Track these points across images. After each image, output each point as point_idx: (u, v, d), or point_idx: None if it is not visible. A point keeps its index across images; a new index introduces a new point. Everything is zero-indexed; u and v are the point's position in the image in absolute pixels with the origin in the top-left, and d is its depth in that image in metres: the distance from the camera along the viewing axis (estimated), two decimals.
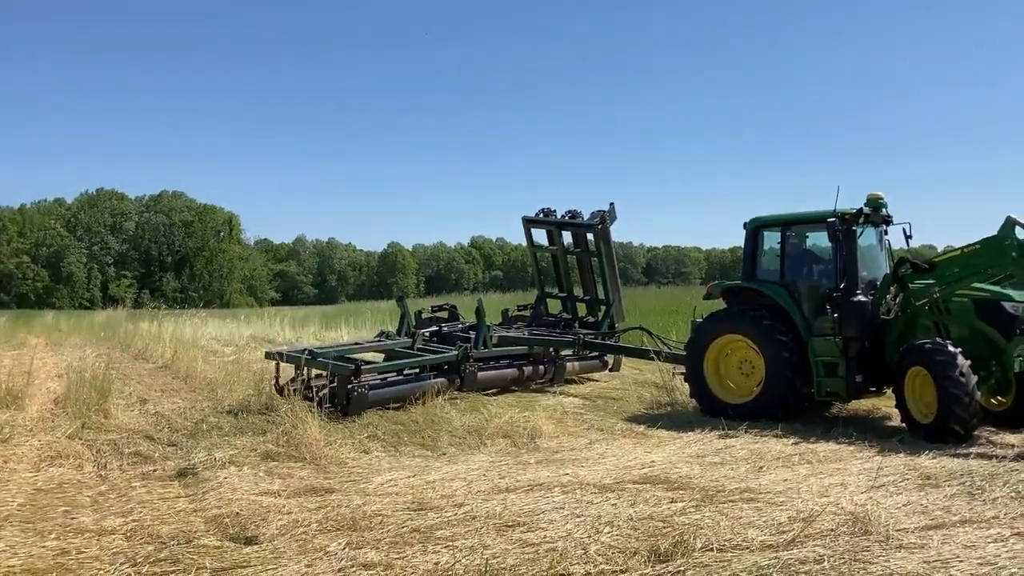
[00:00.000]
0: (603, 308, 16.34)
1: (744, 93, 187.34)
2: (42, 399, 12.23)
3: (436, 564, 5.33)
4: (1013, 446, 9.11)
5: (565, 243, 16.78)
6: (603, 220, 15.83)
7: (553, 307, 17.38)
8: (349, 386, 10.73)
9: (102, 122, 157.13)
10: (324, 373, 11.27)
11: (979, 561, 5.19)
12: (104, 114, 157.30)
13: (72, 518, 6.55)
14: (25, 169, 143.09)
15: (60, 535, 6.06)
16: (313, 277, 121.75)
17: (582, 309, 17.04)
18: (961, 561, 5.18)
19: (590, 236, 16.15)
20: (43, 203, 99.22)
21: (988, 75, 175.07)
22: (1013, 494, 6.88)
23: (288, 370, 11.47)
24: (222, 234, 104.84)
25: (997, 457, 8.37)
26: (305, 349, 11.86)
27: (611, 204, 16.07)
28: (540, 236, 17.17)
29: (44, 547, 5.78)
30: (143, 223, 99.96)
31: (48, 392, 12.97)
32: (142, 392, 13.43)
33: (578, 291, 17.07)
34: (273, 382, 11.37)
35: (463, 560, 5.37)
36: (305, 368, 11.15)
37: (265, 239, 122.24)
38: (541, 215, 16.80)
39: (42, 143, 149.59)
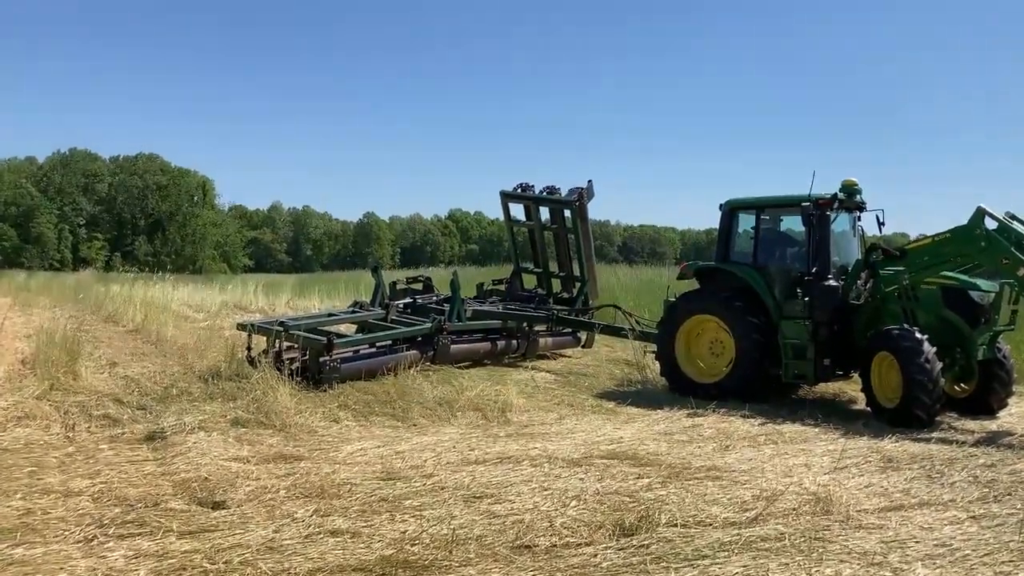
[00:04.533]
0: (578, 285, 16.40)
1: (724, 76, 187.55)
2: (10, 359, 12.10)
3: (403, 533, 5.38)
4: (973, 432, 9.30)
5: (542, 219, 16.78)
6: (581, 197, 15.86)
7: (528, 282, 17.41)
8: (321, 360, 10.69)
9: (78, 82, 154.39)
10: (296, 345, 11.21)
11: (935, 542, 5.32)
12: (80, 74, 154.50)
13: (38, 479, 6.53)
14: None
15: (26, 495, 6.04)
16: (288, 245, 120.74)
17: (557, 285, 17.09)
18: (918, 542, 5.32)
19: (567, 212, 16.17)
20: (14, 161, 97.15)
21: (965, 66, 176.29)
22: (971, 479, 7.05)
23: (261, 341, 11.41)
24: (196, 199, 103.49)
25: (957, 443, 8.55)
26: (277, 320, 11.77)
27: (589, 181, 16.12)
28: (518, 211, 17.18)
29: (9, 507, 5.76)
30: (116, 185, 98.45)
31: (16, 352, 12.84)
32: (112, 355, 13.33)
33: (554, 267, 17.11)
34: (245, 352, 11.31)
35: (430, 529, 5.43)
36: (277, 340, 11.08)
37: (240, 205, 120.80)
38: (519, 190, 16.77)
39: (14, 100, 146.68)
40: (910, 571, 4.75)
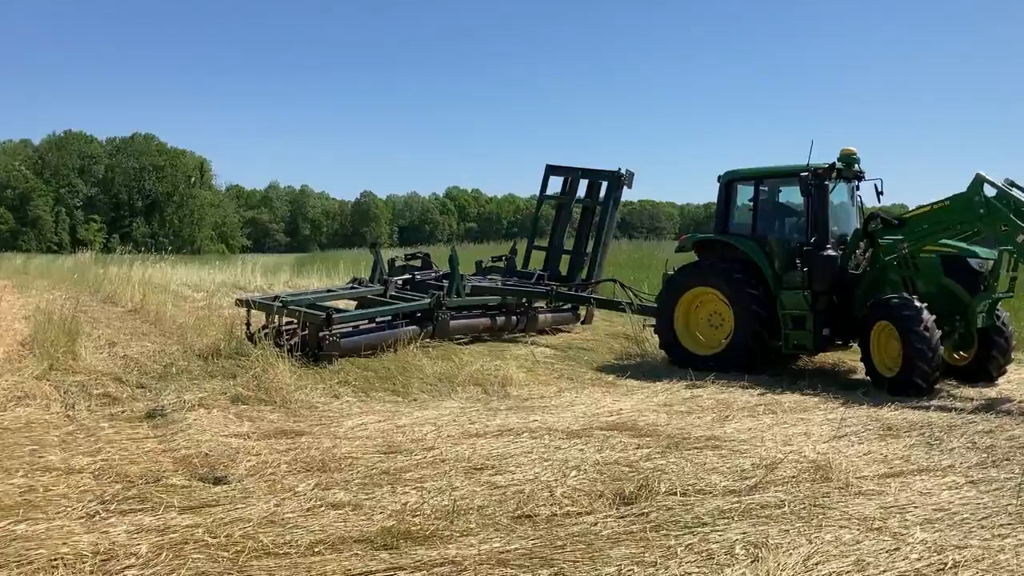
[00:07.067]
0: (586, 264, 16.38)
1: (721, 48, 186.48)
2: (9, 340, 12.06)
3: (404, 504, 5.39)
4: (972, 399, 9.34)
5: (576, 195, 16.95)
6: (622, 174, 16.05)
7: (536, 260, 17.39)
8: (321, 334, 10.68)
9: (72, 61, 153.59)
10: (295, 320, 11.19)
11: (933, 507, 5.35)
12: (75, 52, 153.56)
13: (39, 457, 6.53)
14: None
15: (27, 473, 6.04)
16: (285, 225, 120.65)
17: (565, 265, 17.09)
18: (916, 507, 5.35)
19: (604, 187, 16.31)
20: (8, 144, 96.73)
21: (965, 34, 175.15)
22: (969, 445, 7.09)
23: (259, 317, 11.39)
24: (193, 179, 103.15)
25: (956, 410, 8.59)
26: (276, 296, 11.74)
27: (631, 172, 16.29)
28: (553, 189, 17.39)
29: (11, 484, 5.76)
30: (113, 166, 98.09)
31: (15, 333, 12.79)
32: (111, 335, 13.28)
33: (567, 245, 17.18)
34: (244, 329, 11.29)
35: (431, 500, 5.45)
36: (276, 316, 11.06)
37: (237, 185, 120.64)
38: None
39: (7, 81, 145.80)
40: (909, 535, 4.77)
